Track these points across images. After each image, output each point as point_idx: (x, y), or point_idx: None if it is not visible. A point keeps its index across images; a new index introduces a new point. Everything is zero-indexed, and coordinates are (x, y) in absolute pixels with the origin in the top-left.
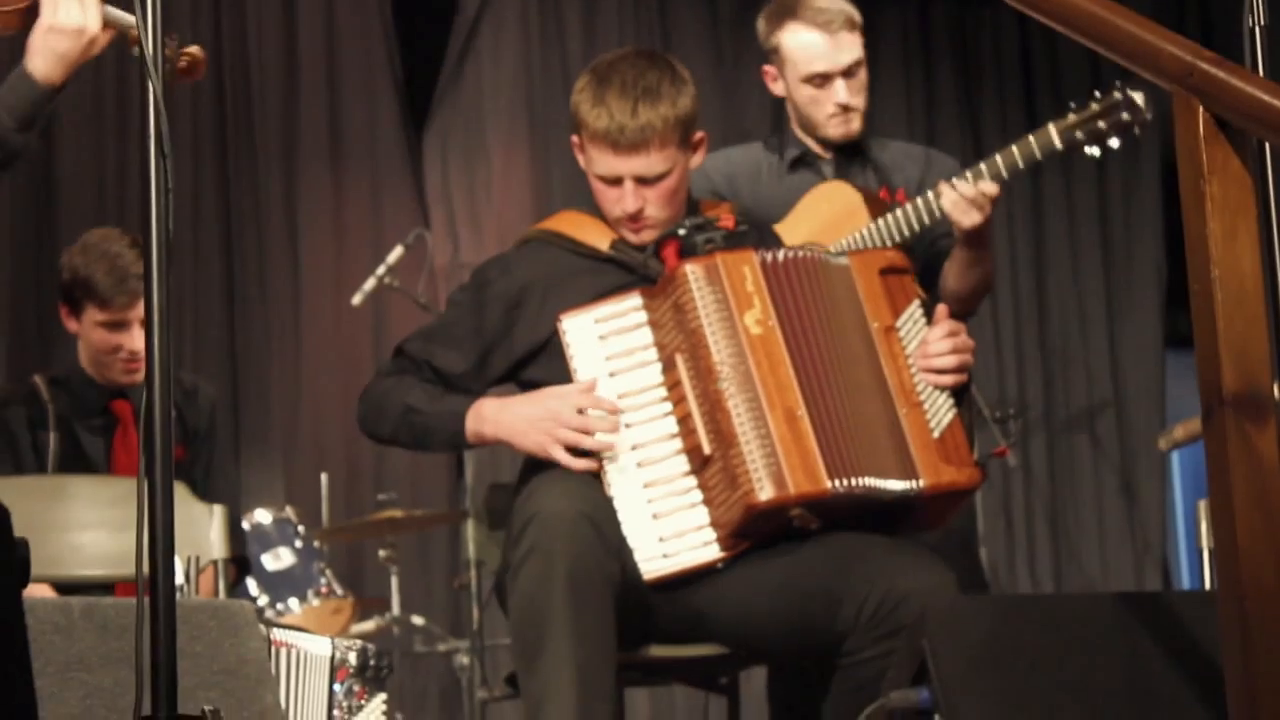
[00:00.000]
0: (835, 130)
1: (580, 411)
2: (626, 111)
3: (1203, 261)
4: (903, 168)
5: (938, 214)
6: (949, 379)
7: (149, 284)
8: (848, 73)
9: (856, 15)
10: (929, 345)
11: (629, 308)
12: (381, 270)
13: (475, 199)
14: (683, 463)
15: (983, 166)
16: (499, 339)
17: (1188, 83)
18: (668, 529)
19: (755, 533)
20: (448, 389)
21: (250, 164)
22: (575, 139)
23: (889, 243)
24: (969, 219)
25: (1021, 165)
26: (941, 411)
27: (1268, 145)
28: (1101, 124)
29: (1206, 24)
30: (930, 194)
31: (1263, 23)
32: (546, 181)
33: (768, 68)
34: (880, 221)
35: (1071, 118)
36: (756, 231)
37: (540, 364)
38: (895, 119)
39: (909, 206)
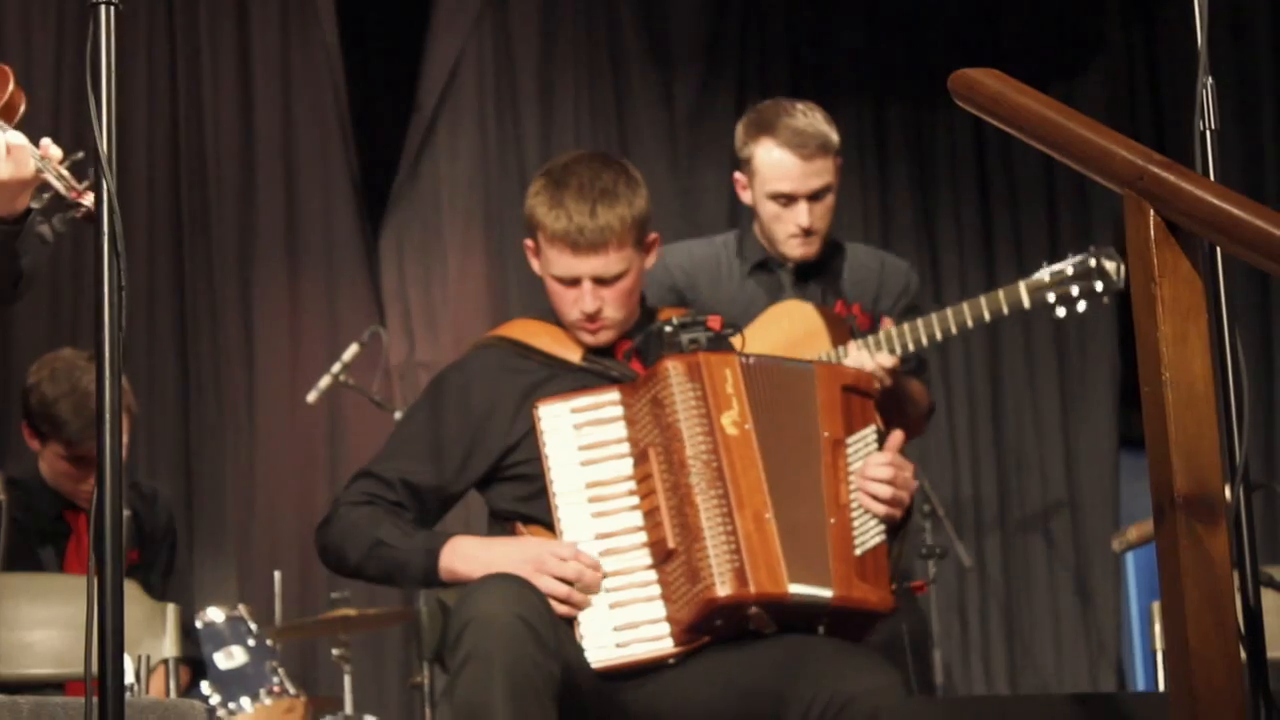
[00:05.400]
0: (793, 251)
1: (563, 561)
2: (585, 212)
3: (1154, 364)
4: (860, 280)
5: (898, 351)
6: (881, 508)
7: (101, 381)
8: (814, 196)
9: (834, 138)
10: (869, 467)
11: (606, 401)
12: (336, 368)
13: (431, 297)
14: (645, 556)
15: (949, 313)
16: (475, 444)
17: (1138, 186)
18: (622, 619)
19: (711, 630)
20: (422, 504)
21: (205, 262)
22: (529, 242)
23: None
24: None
25: (987, 319)
26: (870, 534)
27: (1218, 248)
28: (1074, 289)
29: (1159, 126)
30: (895, 329)
31: (1213, 126)
32: (502, 280)
33: (738, 175)
34: (840, 349)
35: (1045, 278)
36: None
37: (521, 449)
38: (850, 217)
39: (871, 340)
